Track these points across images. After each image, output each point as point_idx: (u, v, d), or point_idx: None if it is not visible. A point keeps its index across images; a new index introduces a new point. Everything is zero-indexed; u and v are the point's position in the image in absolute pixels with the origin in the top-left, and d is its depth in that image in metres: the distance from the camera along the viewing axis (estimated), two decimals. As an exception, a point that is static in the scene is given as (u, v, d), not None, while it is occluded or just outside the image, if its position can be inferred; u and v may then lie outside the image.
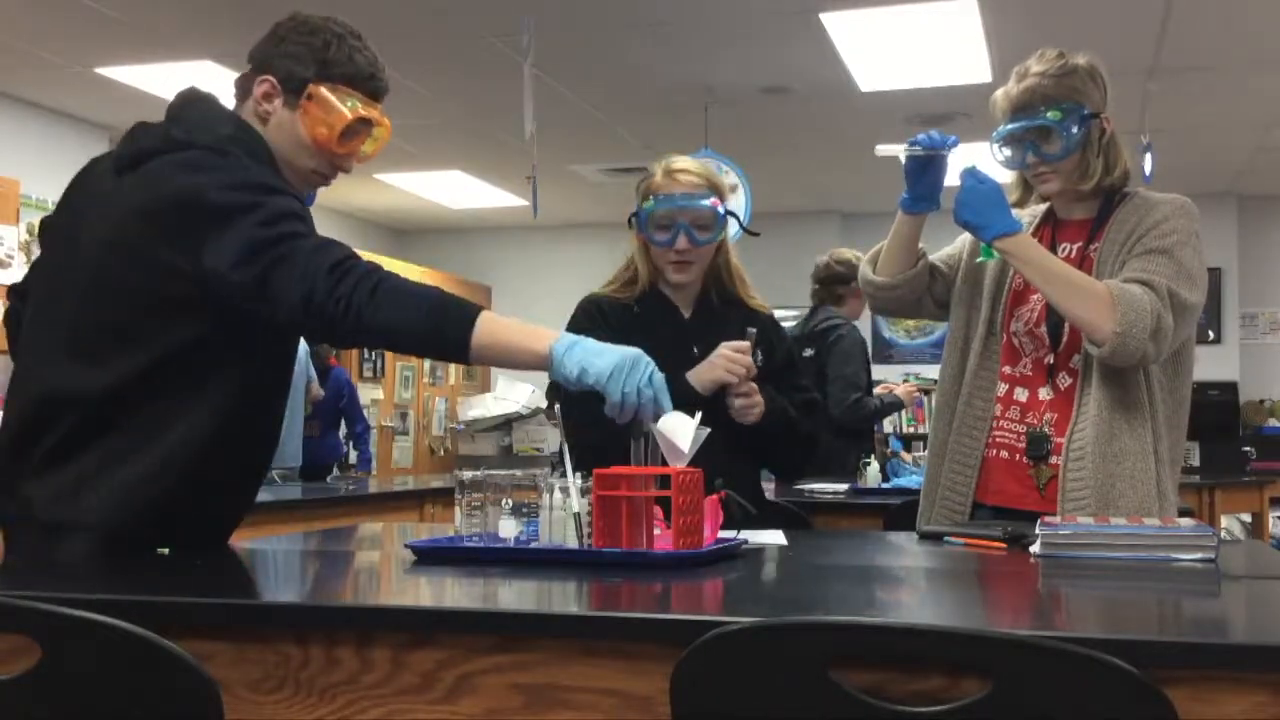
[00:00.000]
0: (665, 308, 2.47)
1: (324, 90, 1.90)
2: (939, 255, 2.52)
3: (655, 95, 6.41)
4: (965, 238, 2.50)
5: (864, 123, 6.88)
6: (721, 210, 2.42)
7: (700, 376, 2.32)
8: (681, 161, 2.47)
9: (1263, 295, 9.16)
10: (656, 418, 1.73)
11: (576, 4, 5.04)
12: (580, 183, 8.50)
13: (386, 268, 1.78)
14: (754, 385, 2.35)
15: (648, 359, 1.73)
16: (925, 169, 2.30)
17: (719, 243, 2.46)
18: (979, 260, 2.40)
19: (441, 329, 1.74)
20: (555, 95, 6.15)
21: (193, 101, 1.92)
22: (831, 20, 5.29)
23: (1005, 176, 2.43)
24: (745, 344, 2.33)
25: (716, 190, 2.45)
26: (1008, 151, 2.33)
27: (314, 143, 1.92)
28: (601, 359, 1.70)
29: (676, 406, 1.83)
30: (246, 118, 1.92)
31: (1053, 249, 2.32)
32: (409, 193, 8.95)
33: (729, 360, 2.31)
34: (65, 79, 6.14)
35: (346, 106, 1.92)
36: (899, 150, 2.29)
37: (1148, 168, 5.74)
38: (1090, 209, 2.35)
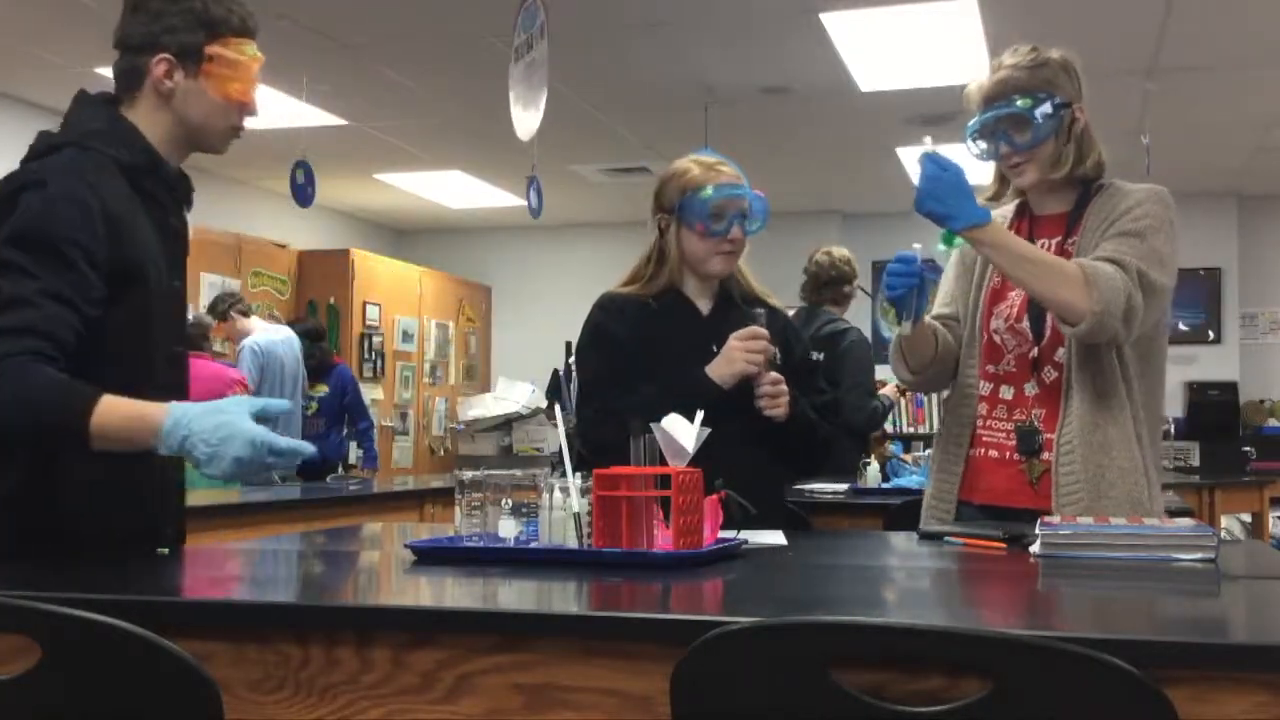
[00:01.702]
0: (683, 305, 2.46)
1: (221, 49, 1.90)
2: (938, 307, 2.46)
3: (655, 95, 6.41)
4: (948, 273, 2.48)
5: (864, 123, 6.89)
6: (764, 200, 2.43)
7: (719, 371, 2.30)
8: (711, 158, 2.48)
9: (1263, 295, 9.16)
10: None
11: (576, 4, 5.04)
12: (580, 183, 8.49)
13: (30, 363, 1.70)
14: (780, 376, 2.33)
15: (246, 439, 1.67)
16: (917, 293, 2.23)
17: None
18: (940, 249, 2.31)
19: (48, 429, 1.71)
20: (555, 95, 6.13)
21: (77, 102, 1.94)
22: (831, 20, 5.29)
23: (985, 173, 2.42)
24: (753, 329, 2.30)
25: None
26: (982, 145, 2.33)
27: (228, 99, 1.92)
28: (214, 465, 1.67)
29: (700, 403, 1.83)
30: (144, 102, 1.91)
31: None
32: (409, 193, 8.95)
33: (744, 350, 2.29)
34: (65, 79, 6.12)
35: (247, 55, 1.93)
36: (904, 325, 2.24)
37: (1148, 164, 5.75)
38: (1065, 202, 2.35)
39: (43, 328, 1.71)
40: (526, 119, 4.72)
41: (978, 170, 2.35)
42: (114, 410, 1.69)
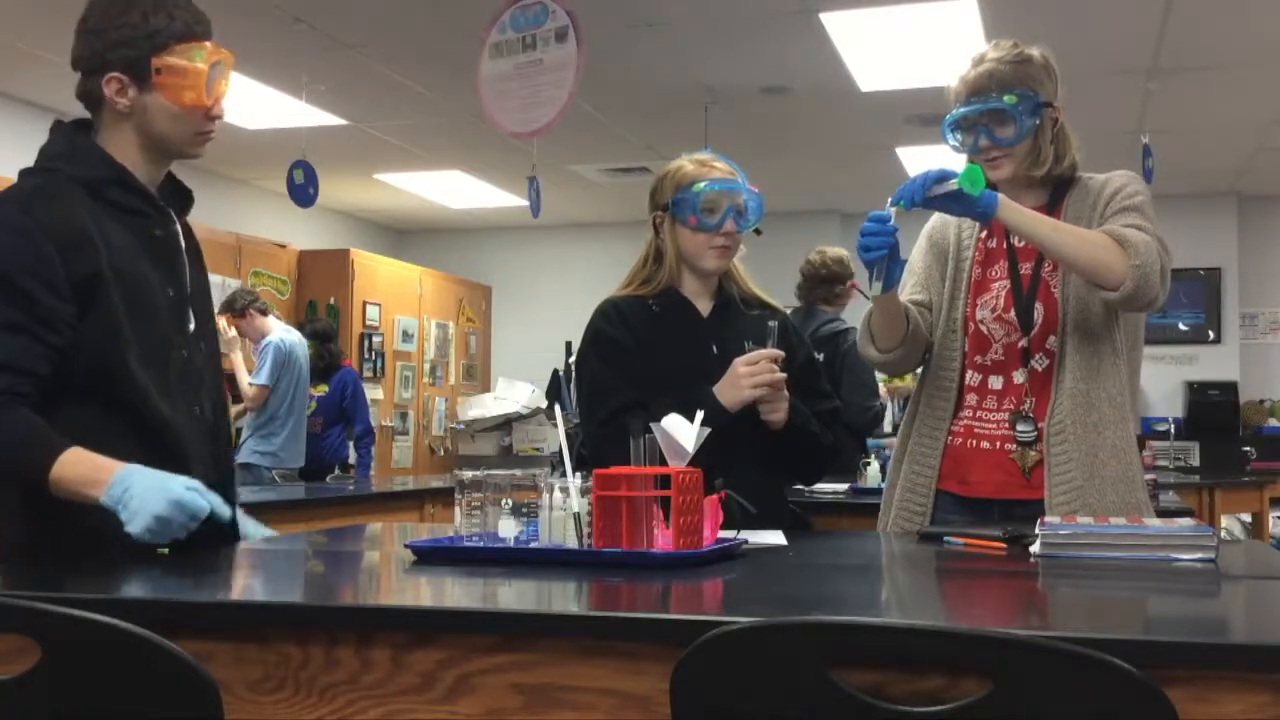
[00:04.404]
0: (683, 306, 2.44)
1: (168, 58, 1.87)
2: (910, 293, 2.45)
3: (655, 95, 6.41)
4: (916, 258, 2.48)
5: (864, 123, 6.88)
6: (759, 198, 2.43)
7: (728, 398, 2.25)
8: (705, 155, 2.48)
9: (1263, 295, 9.15)
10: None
11: (577, 4, 5.03)
12: (580, 183, 8.49)
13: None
14: (782, 376, 2.28)
15: (186, 505, 1.71)
16: (891, 256, 2.22)
17: None
18: (958, 187, 2.12)
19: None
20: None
21: (50, 131, 1.95)
22: (831, 20, 5.29)
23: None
24: (759, 353, 2.26)
25: None
26: (959, 136, 2.34)
27: (185, 108, 1.89)
28: (135, 521, 1.69)
29: (708, 423, 1.83)
30: (107, 120, 1.91)
31: (1006, 238, 2.35)
32: (409, 193, 8.95)
33: (750, 377, 2.24)
34: (65, 79, 6.13)
35: (197, 60, 1.89)
36: (874, 286, 2.23)
37: (1148, 164, 5.74)
38: (1039, 197, 2.36)
39: (11, 363, 1.73)
40: (516, 122, 4.69)
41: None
42: (73, 463, 1.72)
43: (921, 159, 7.55)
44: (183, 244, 2.00)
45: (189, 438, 1.91)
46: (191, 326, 1.97)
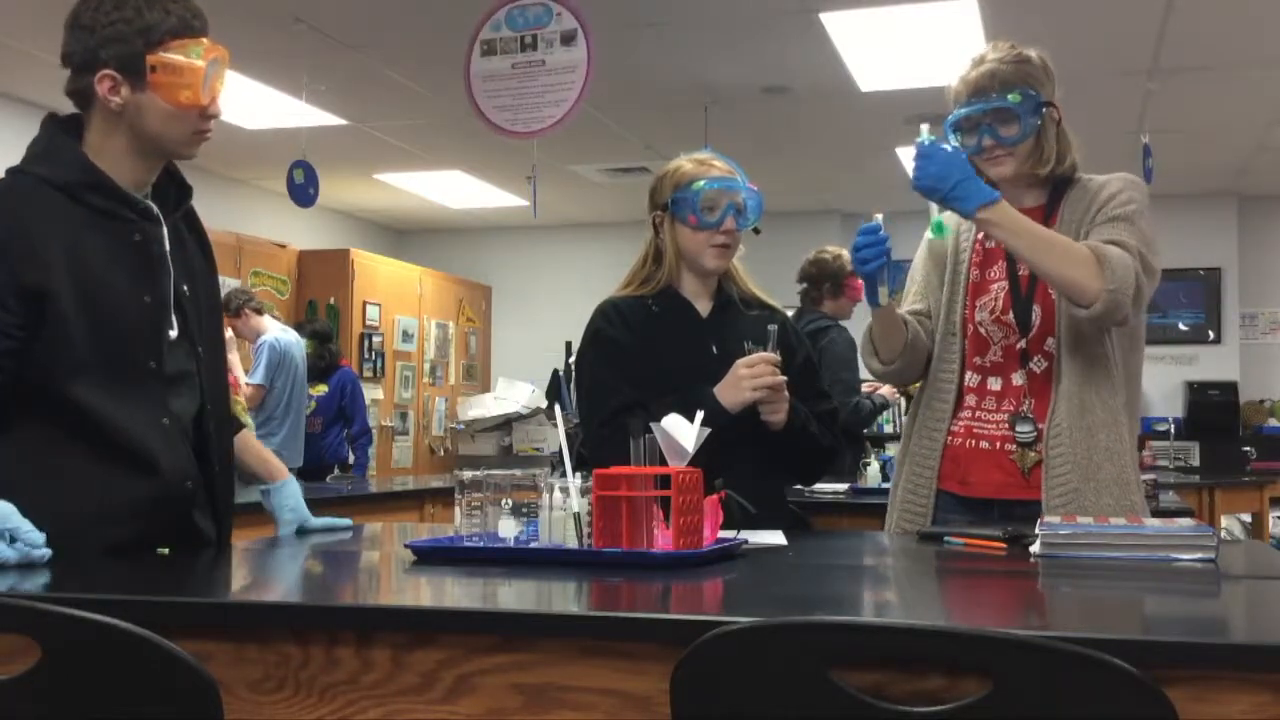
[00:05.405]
0: (682, 306, 2.44)
1: (164, 56, 1.80)
2: (910, 303, 2.48)
3: (655, 95, 6.41)
4: (916, 266, 2.49)
5: (864, 123, 6.88)
6: (758, 196, 2.42)
7: (728, 399, 2.25)
8: (704, 154, 2.48)
9: (1263, 295, 9.15)
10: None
11: (578, 4, 5.04)
12: (580, 183, 8.49)
13: None
14: (782, 380, 2.28)
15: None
16: (886, 267, 2.26)
17: None
18: (931, 238, 2.38)
19: None
20: (555, 95, 6.14)
21: (40, 127, 1.91)
22: (831, 20, 5.29)
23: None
24: (760, 355, 2.26)
25: None
26: (960, 136, 2.34)
27: (181, 107, 1.82)
28: None
29: (708, 423, 1.83)
30: (97, 119, 1.85)
31: None
32: (409, 193, 8.95)
33: (751, 378, 2.24)
34: (62, 78, 6.13)
35: (193, 57, 1.82)
36: (881, 292, 2.27)
37: (1148, 164, 5.74)
38: (1039, 197, 2.37)
39: None
40: (509, 121, 4.68)
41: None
42: None
43: (921, 159, 7.55)
44: (167, 248, 1.92)
45: (156, 444, 1.85)
46: (174, 333, 1.90)
